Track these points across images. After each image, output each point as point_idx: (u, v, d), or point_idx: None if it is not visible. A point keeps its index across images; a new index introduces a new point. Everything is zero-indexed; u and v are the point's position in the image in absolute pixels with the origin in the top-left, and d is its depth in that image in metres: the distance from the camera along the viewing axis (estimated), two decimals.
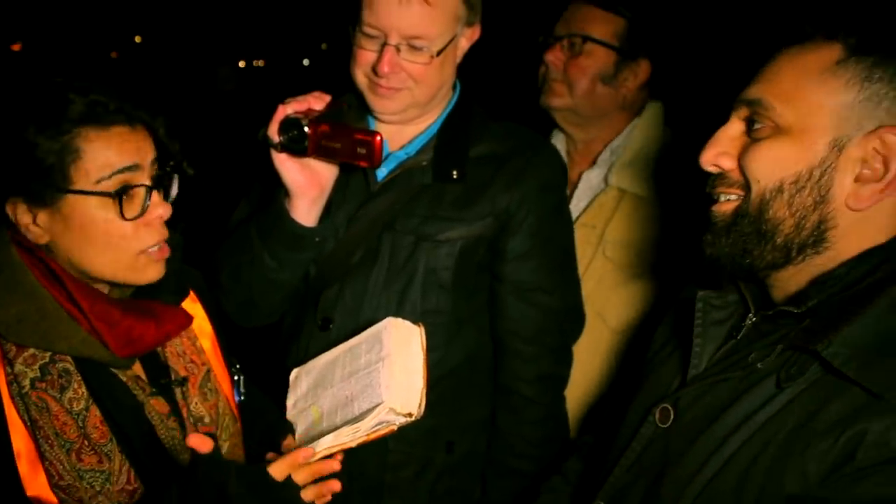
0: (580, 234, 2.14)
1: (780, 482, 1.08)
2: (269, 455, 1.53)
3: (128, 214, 1.38)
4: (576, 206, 2.28)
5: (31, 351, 1.37)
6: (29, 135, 1.33)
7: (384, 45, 1.75)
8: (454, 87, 1.97)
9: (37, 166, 1.33)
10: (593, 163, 2.31)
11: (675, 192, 2.11)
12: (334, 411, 1.50)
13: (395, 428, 1.37)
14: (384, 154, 1.91)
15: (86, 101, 1.36)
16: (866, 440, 1.01)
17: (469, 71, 1.99)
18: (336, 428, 1.45)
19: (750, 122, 1.23)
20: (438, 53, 1.78)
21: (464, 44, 1.88)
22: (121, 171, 1.37)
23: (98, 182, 1.35)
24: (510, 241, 1.90)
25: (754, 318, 1.29)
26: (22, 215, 1.38)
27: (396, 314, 1.79)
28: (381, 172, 1.92)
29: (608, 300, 2.19)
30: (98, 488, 1.38)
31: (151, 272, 1.47)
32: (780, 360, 1.16)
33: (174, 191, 1.51)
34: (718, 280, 1.37)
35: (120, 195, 1.36)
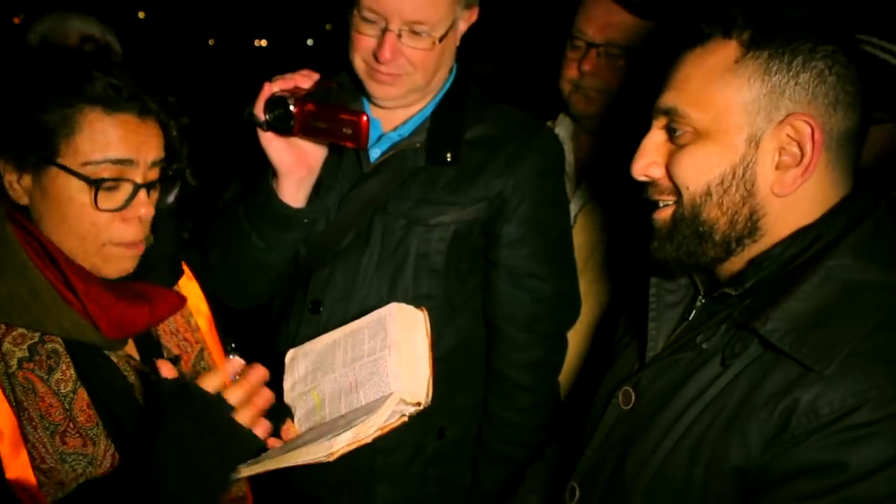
0: (583, 222, 2.11)
1: (726, 454, 1.15)
2: (269, 441, 1.52)
3: (103, 205, 1.34)
4: (583, 192, 2.25)
5: (21, 330, 1.34)
6: (38, 96, 1.31)
7: (385, 30, 1.71)
8: (450, 69, 1.93)
9: (33, 128, 1.31)
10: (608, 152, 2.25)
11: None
12: (337, 398, 1.49)
13: (406, 419, 1.35)
14: (377, 135, 1.89)
15: (105, 81, 1.32)
16: (798, 409, 1.08)
17: (468, 51, 1.95)
18: (340, 415, 1.44)
19: (671, 130, 1.26)
20: (441, 39, 1.74)
21: (462, 26, 1.84)
22: (112, 162, 1.33)
23: (85, 164, 1.32)
24: (504, 227, 1.87)
25: (703, 300, 1.35)
26: (9, 173, 1.35)
27: (388, 298, 1.78)
28: (375, 153, 1.88)
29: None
30: (80, 471, 1.35)
31: (119, 266, 1.42)
32: (725, 339, 1.22)
33: (171, 197, 1.48)
34: (668, 272, 1.41)
35: (97, 184, 1.32)
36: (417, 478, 1.98)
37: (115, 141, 1.33)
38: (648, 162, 1.29)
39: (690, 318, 1.36)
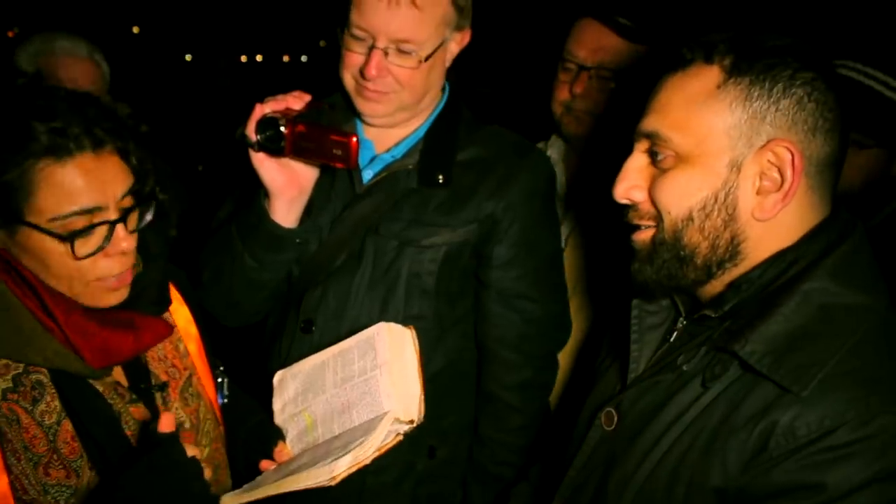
0: (575, 243, 2.13)
1: (706, 475, 1.16)
2: (263, 463, 1.52)
3: (81, 252, 1.31)
4: (576, 214, 2.25)
5: (5, 361, 1.33)
6: None
7: (372, 48, 1.73)
8: (443, 90, 1.95)
9: None
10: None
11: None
12: (330, 418, 1.50)
13: (401, 437, 1.37)
14: (370, 156, 1.90)
15: (47, 129, 1.26)
16: (776, 431, 1.10)
17: (461, 72, 1.97)
18: (334, 435, 1.46)
19: (653, 154, 1.26)
20: (427, 58, 1.76)
21: (453, 48, 1.86)
22: (78, 214, 1.29)
23: (52, 220, 1.28)
24: (495, 248, 1.88)
25: (684, 322, 1.37)
26: None
27: (379, 318, 1.79)
28: (367, 175, 1.90)
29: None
30: (63, 503, 1.34)
31: (109, 298, 1.41)
32: (705, 361, 1.23)
33: (148, 216, 1.43)
34: (648, 294, 1.41)
35: (72, 239, 1.29)
36: (408, 497, 1.98)
37: (77, 190, 1.28)
38: (630, 185, 1.29)
39: (672, 339, 1.37)
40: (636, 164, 1.29)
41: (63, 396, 1.36)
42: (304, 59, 15.40)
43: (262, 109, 1.69)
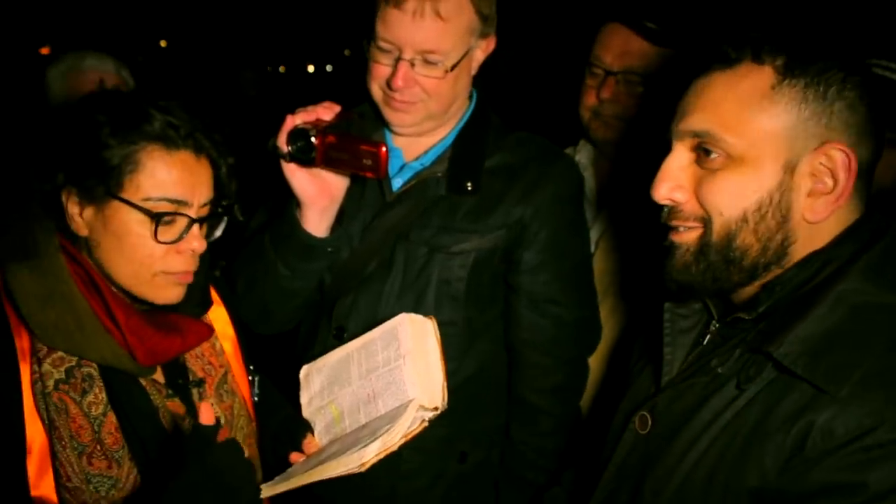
0: (605, 247, 2.13)
1: (742, 477, 1.15)
2: (293, 456, 1.56)
3: (161, 238, 1.43)
4: (605, 218, 2.26)
5: (60, 353, 1.41)
6: (102, 135, 1.39)
7: (398, 59, 1.75)
8: (470, 97, 1.97)
9: (99, 165, 1.39)
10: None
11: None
12: (356, 409, 1.53)
13: (426, 423, 1.40)
14: (399, 165, 1.92)
15: (163, 120, 1.42)
16: (813, 431, 1.09)
17: (487, 78, 1.98)
18: (361, 425, 1.49)
19: (700, 152, 1.24)
20: (452, 68, 1.77)
21: (479, 55, 1.88)
22: (169, 201, 1.42)
23: (145, 200, 1.41)
24: (524, 254, 1.89)
25: (717, 325, 1.36)
26: (72, 205, 1.43)
27: None
28: (397, 183, 1.92)
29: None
30: (103, 493, 1.40)
31: (169, 293, 1.50)
32: (740, 363, 1.22)
33: (218, 232, 1.55)
34: (684, 297, 1.41)
35: (158, 218, 1.41)
36: (439, 502, 1.99)
37: (172, 180, 1.42)
38: (673, 185, 1.27)
39: (704, 342, 1.36)
40: (678, 164, 1.27)
41: (110, 390, 1.44)
42: (329, 68, 15.53)
43: (293, 121, 1.71)
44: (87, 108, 1.43)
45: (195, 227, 1.47)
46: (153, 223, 1.41)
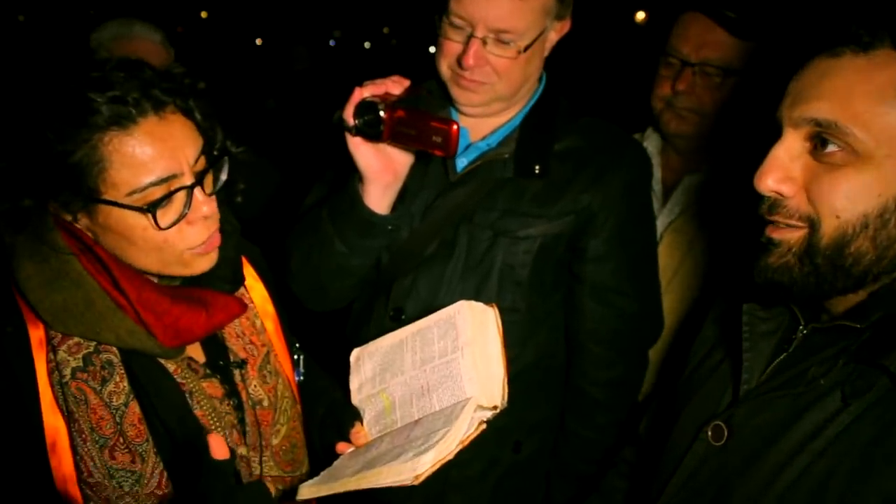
0: (669, 240, 2.07)
1: (863, 499, 1.04)
2: (340, 446, 1.48)
3: (164, 223, 1.28)
4: (671, 210, 2.21)
5: (76, 339, 1.32)
6: (52, 144, 1.22)
7: (470, 36, 1.70)
8: (540, 79, 1.91)
9: (64, 176, 1.23)
10: (696, 169, 2.21)
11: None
12: (408, 401, 1.45)
13: (485, 426, 1.30)
14: (465, 144, 1.87)
15: (106, 100, 1.22)
16: None
17: (558, 62, 1.92)
18: (413, 420, 1.41)
19: (816, 143, 1.12)
20: (526, 49, 1.72)
21: (553, 37, 1.82)
22: (155, 184, 1.26)
23: (130, 194, 1.25)
24: (591, 242, 1.84)
25: (805, 331, 1.24)
26: (65, 215, 1.30)
27: None
28: (462, 163, 1.87)
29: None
30: (126, 489, 1.32)
31: (202, 264, 1.39)
32: (843, 374, 1.11)
33: (223, 175, 1.40)
34: (776, 299, 1.29)
35: (153, 210, 1.26)
36: (491, 491, 1.96)
37: (149, 159, 1.25)
38: (782, 175, 1.15)
39: (790, 349, 1.24)
40: (791, 152, 1.15)
41: (132, 377, 1.34)
42: (367, 45, 15.51)
43: (361, 93, 1.66)
44: (25, 119, 1.25)
45: (196, 192, 1.31)
46: (149, 215, 1.26)
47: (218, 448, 1.12)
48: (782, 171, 1.15)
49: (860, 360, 1.10)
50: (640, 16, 12.83)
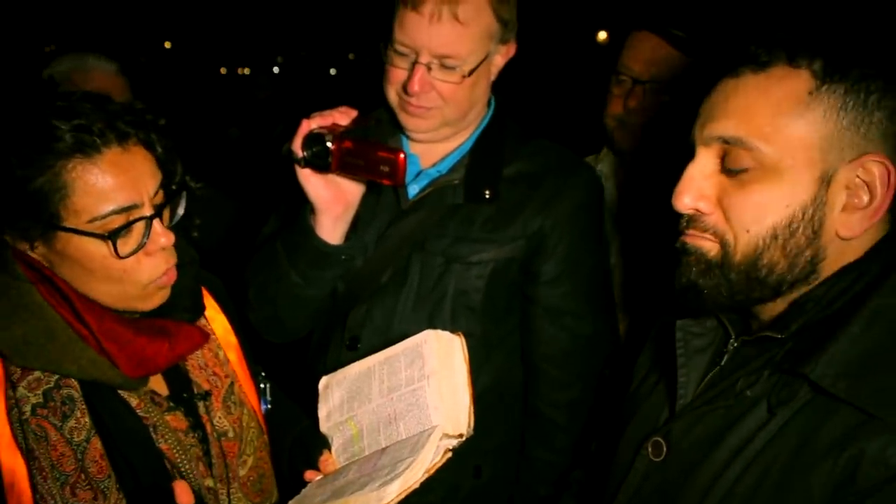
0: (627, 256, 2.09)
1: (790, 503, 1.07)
2: (308, 474, 1.48)
3: (124, 251, 1.30)
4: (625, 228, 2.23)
5: (37, 374, 1.31)
6: (12, 169, 1.24)
7: (415, 63, 1.72)
8: (489, 103, 1.93)
9: (23, 202, 1.25)
10: None
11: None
12: (376, 429, 1.46)
13: (450, 454, 1.31)
14: (415, 171, 1.89)
15: (70, 127, 1.25)
16: (864, 461, 1.01)
17: (506, 83, 1.95)
18: (380, 448, 1.42)
19: (728, 161, 1.16)
20: (470, 73, 1.74)
21: (499, 61, 1.85)
22: (115, 213, 1.28)
23: (91, 221, 1.27)
24: (543, 265, 1.86)
25: (735, 344, 1.27)
26: (20, 244, 1.31)
27: None
28: (413, 190, 1.88)
29: None
30: None
31: (154, 299, 1.40)
32: (769, 384, 1.15)
33: (180, 210, 1.43)
34: (695, 310, 1.32)
35: (114, 238, 1.28)
36: None
37: (111, 188, 1.27)
38: (697, 194, 1.19)
39: (723, 363, 1.27)
40: (703, 171, 1.19)
41: (94, 412, 1.34)
42: (332, 71, 15.56)
43: (309, 125, 1.67)
44: None
45: (156, 223, 1.33)
46: (109, 243, 1.28)
47: (183, 494, 1.15)
48: (696, 189, 1.19)
49: (783, 371, 1.13)
50: (602, 35, 13.09)
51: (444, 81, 1.74)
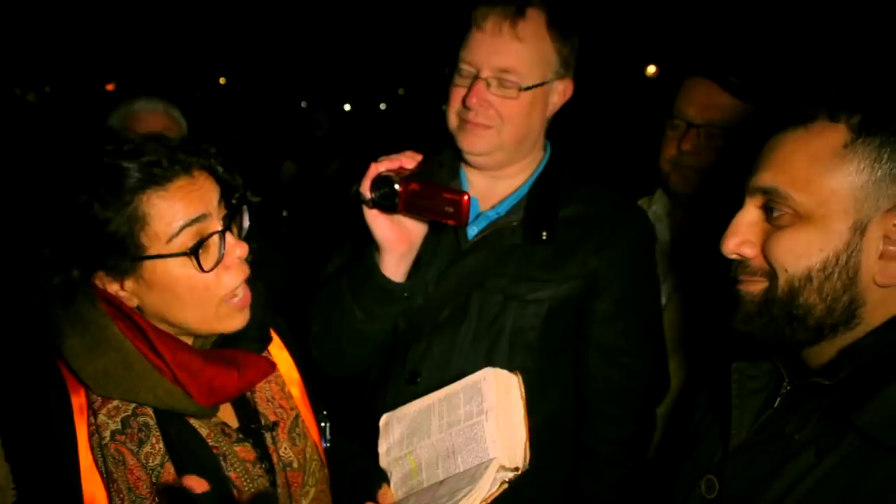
0: (678, 300, 2.12)
1: None
2: None
3: (207, 266, 1.39)
4: (679, 270, 2.26)
5: (116, 403, 1.39)
6: (95, 212, 1.33)
7: (475, 78, 1.83)
8: (545, 149, 2.01)
9: (108, 241, 1.34)
10: None
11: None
12: (434, 463, 1.51)
13: (506, 485, 1.36)
14: (475, 213, 1.96)
15: (139, 165, 1.35)
16: None
17: (560, 125, 2.02)
18: (438, 480, 1.46)
19: (768, 209, 1.24)
20: (527, 88, 1.83)
21: (555, 99, 1.93)
22: (190, 224, 1.37)
23: (169, 241, 1.37)
24: (597, 303, 1.91)
25: (787, 388, 1.31)
26: (109, 284, 1.40)
27: None
28: (472, 231, 1.96)
29: None
30: None
31: (236, 320, 1.49)
32: (817, 429, 1.18)
33: (245, 223, 1.52)
34: (752, 351, 1.37)
35: (196, 251, 1.38)
36: None
37: (182, 208, 1.37)
38: (742, 240, 1.26)
39: (776, 405, 1.32)
40: (748, 219, 1.27)
41: (167, 440, 1.41)
42: (382, 106, 15.76)
43: (377, 168, 1.75)
44: (62, 195, 1.37)
45: (228, 235, 1.43)
46: (193, 258, 1.38)
47: (197, 486, 1.19)
48: (741, 235, 1.26)
49: (831, 417, 1.16)
50: (651, 69, 13.06)
51: (503, 98, 1.84)
